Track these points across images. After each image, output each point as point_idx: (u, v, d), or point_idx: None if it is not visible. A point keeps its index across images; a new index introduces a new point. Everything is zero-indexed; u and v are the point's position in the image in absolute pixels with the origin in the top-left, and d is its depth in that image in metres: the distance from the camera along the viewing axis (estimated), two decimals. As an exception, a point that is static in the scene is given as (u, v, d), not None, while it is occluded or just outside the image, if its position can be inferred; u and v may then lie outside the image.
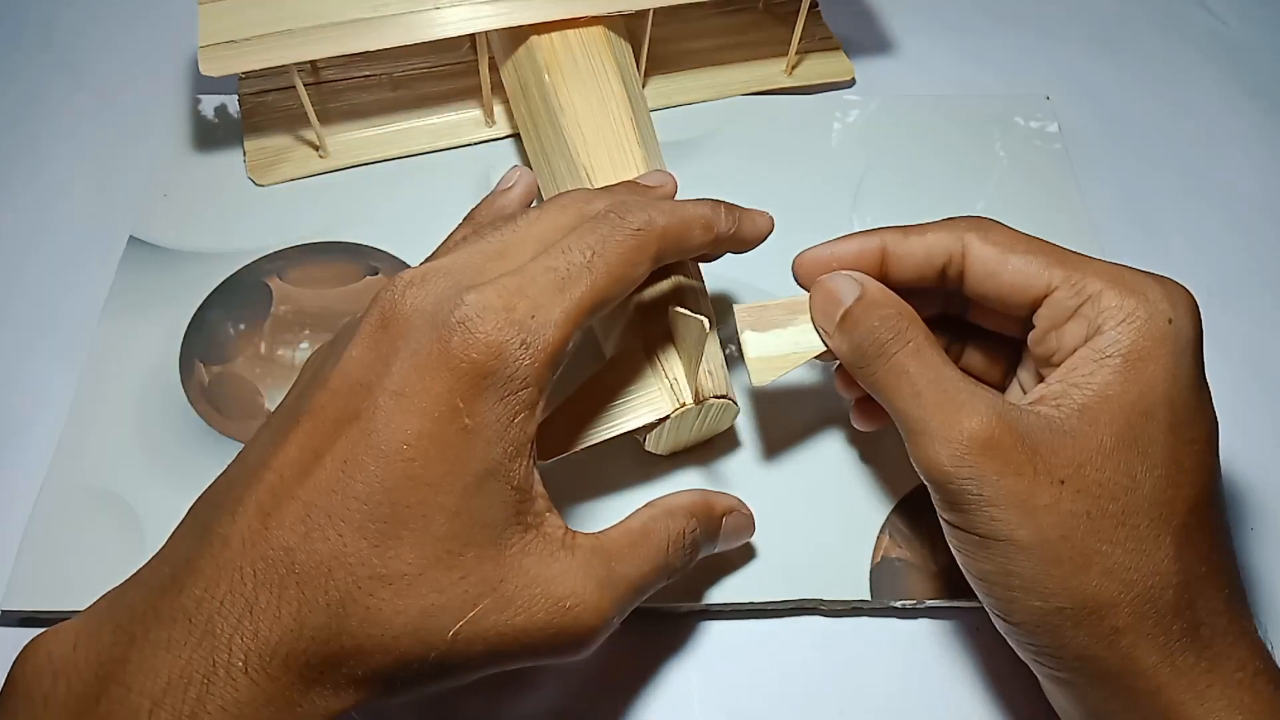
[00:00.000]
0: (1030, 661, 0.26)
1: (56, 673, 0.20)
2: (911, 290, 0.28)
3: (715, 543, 0.28)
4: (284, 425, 0.22)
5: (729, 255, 0.30)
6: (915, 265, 0.27)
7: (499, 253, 0.24)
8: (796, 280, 0.29)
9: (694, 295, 0.30)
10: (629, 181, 0.30)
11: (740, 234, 0.28)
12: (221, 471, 0.24)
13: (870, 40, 0.49)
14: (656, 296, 0.29)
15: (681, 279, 0.30)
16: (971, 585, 0.26)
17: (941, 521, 0.26)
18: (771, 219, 0.30)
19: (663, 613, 0.31)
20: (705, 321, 0.26)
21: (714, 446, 0.33)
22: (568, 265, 0.23)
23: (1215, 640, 0.23)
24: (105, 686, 0.19)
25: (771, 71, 0.45)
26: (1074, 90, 0.47)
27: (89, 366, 0.35)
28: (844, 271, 0.28)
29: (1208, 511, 0.24)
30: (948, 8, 0.51)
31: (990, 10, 0.51)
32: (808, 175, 0.42)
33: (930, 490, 0.25)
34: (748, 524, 0.29)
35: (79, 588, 0.30)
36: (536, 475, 0.23)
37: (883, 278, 0.28)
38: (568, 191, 0.26)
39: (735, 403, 0.30)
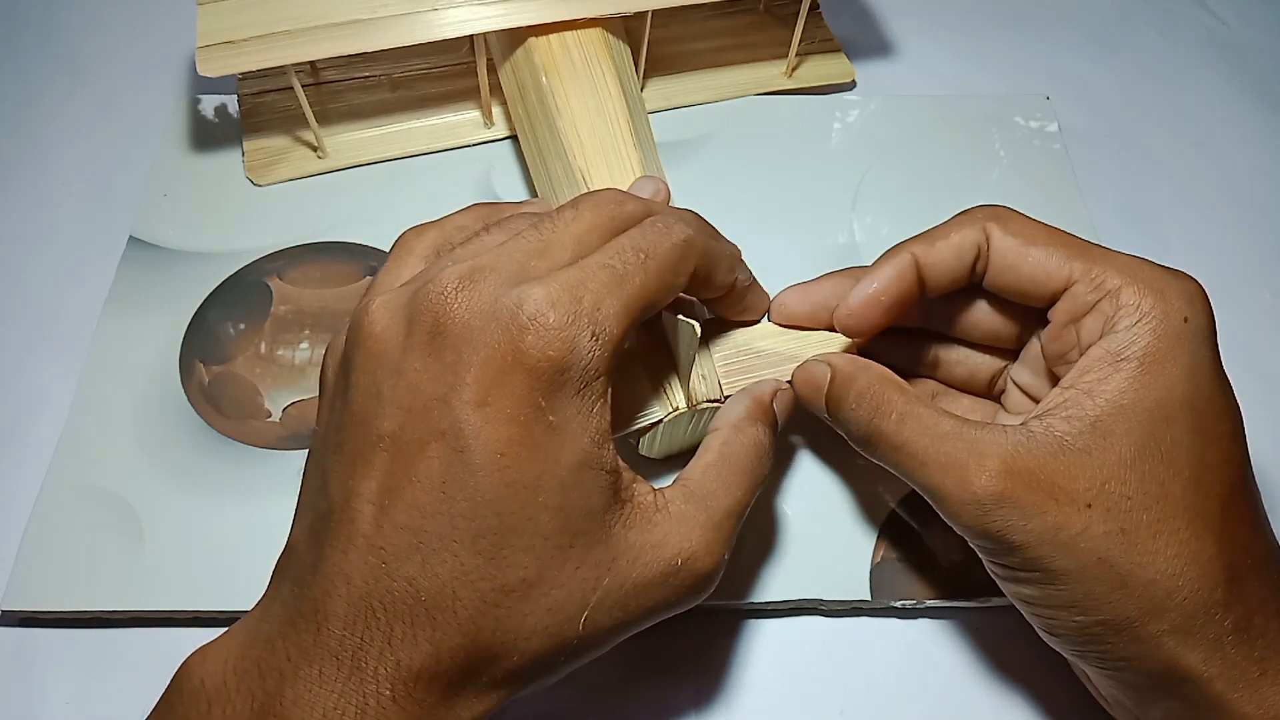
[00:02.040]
0: (1073, 660, 0.26)
1: (211, 701, 0.21)
2: (890, 310, 0.28)
3: (778, 428, 0.28)
4: (361, 451, 0.22)
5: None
6: (949, 269, 0.27)
7: (540, 251, 0.23)
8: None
9: (687, 300, 0.30)
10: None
11: (749, 295, 0.29)
12: (301, 502, 0.24)
13: (870, 41, 0.49)
14: None
15: None
16: (1011, 600, 0.26)
17: (976, 550, 0.26)
18: (769, 302, 0.30)
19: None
20: (696, 326, 0.26)
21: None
22: (623, 263, 0.23)
23: (1269, 629, 0.23)
24: (264, 718, 0.20)
25: (771, 73, 0.45)
26: (1074, 90, 0.47)
27: (89, 366, 0.35)
28: (817, 356, 0.28)
29: (1243, 500, 0.24)
30: (948, 8, 0.51)
31: (990, 11, 0.51)
32: (808, 175, 0.42)
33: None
34: (792, 395, 0.29)
35: (79, 588, 0.30)
36: (613, 448, 0.23)
37: (920, 291, 0.28)
38: (600, 191, 0.26)
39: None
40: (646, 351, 0.29)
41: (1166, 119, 0.46)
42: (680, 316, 0.26)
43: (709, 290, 0.27)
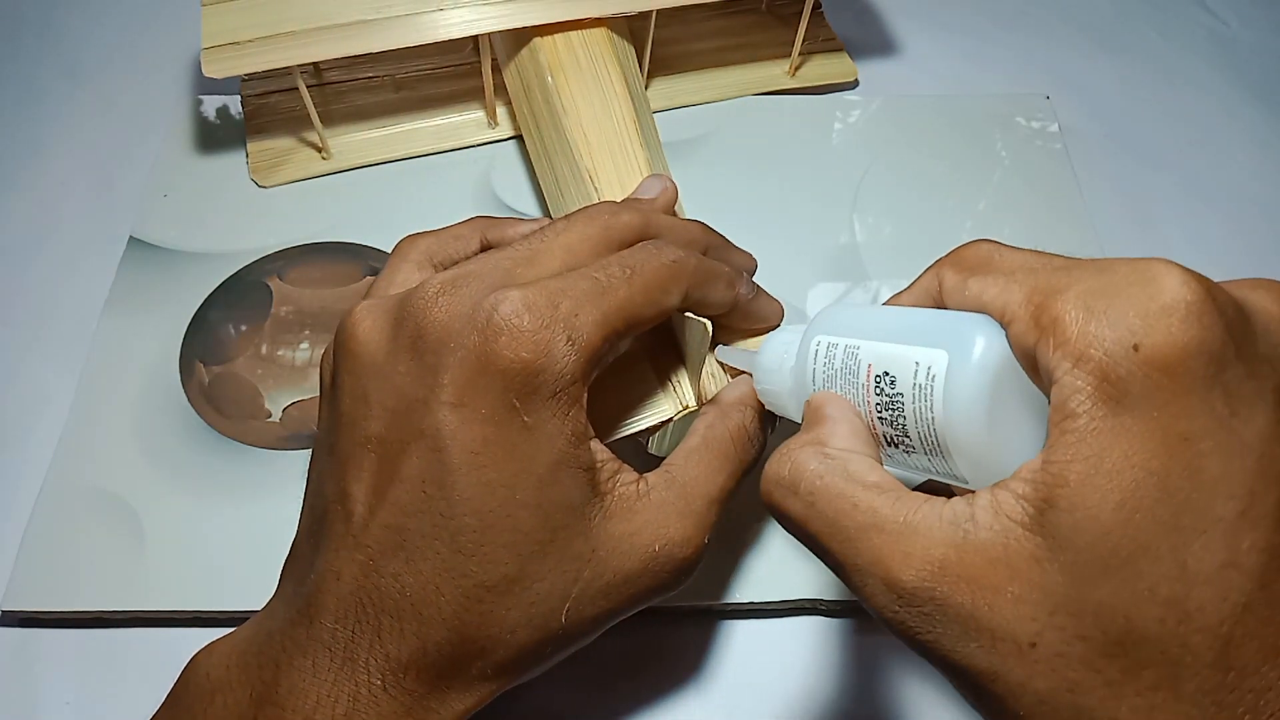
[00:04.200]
0: None
1: (214, 691, 0.22)
2: None
3: (776, 420, 0.28)
4: (350, 452, 0.22)
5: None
6: None
7: (528, 259, 0.24)
8: None
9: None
10: (631, 199, 0.30)
11: (755, 307, 0.28)
12: (304, 502, 0.25)
13: (872, 41, 0.49)
14: None
15: None
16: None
17: None
18: (782, 311, 0.29)
19: (663, 612, 0.31)
20: (707, 324, 0.26)
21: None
22: (608, 276, 0.23)
23: None
24: (261, 706, 0.21)
25: (774, 73, 0.45)
26: (1074, 90, 0.47)
27: (89, 366, 0.35)
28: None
29: (1265, 622, 0.16)
30: (949, 8, 0.51)
31: (991, 10, 0.51)
32: (808, 175, 0.42)
33: None
34: None
35: (79, 588, 0.30)
36: (598, 444, 0.23)
37: None
38: (595, 204, 0.26)
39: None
40: (656, 350, 0.29)
41: (1166, 119, 0.46)
42: (690, 315, 0.26)
43: (708, 309, 0.27)
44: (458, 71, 0.44)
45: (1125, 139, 0.45)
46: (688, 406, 0.28)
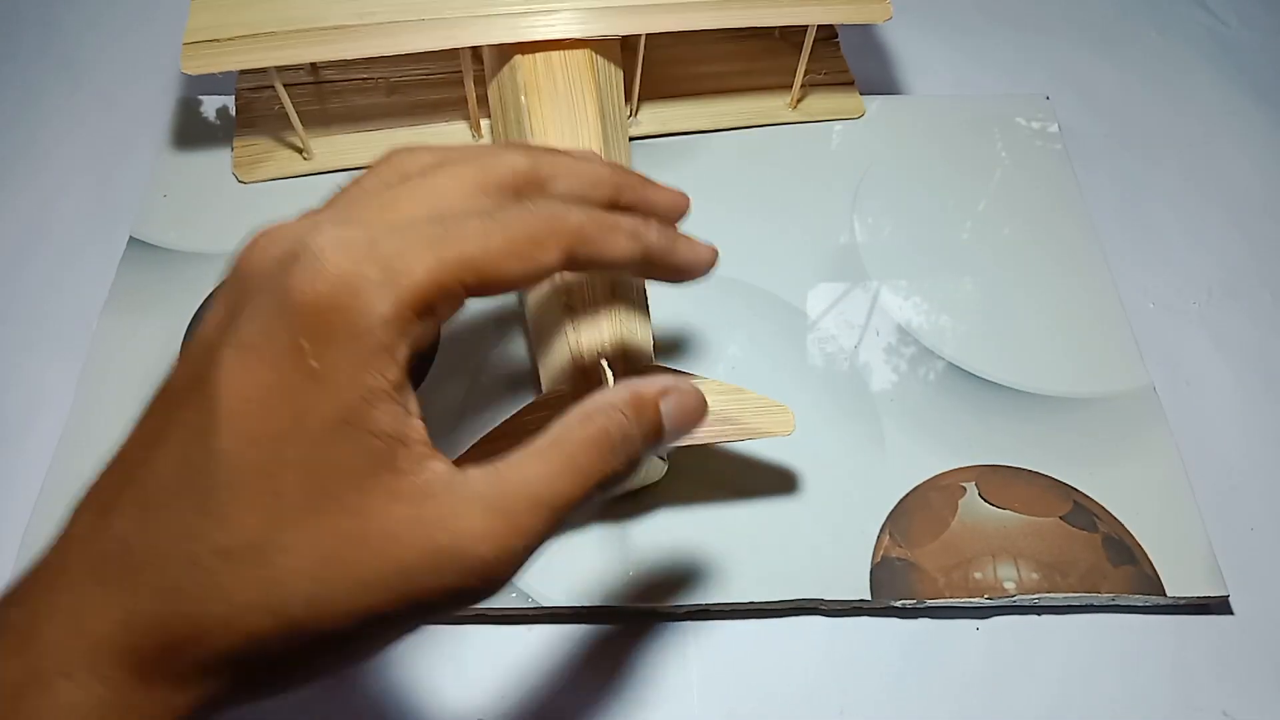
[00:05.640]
0: None
1: None
2: None
3: (662, 438, 0.23)
4: (149, 409, 0.20)
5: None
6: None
7: (387, 205, 0.21)
8: None
9: (633, 328, 0.30)
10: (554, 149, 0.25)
11: (676, 258, 0.25)
12: None
13: (871, 41, 0.49)
14: (592, 329, 0.29)
15: (622, 312, 0.30)
16: None
17: None
18: (715, 253, 0.26)
19: (663, 613, 0.31)
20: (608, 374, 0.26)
21: (707, 449, 0.33)
22: (458, 224, 0.20)
23: None
24: None
25: (776, 104, 0.44)
26: (1074, 90, 0.47)
27: (89, 366, 0.35)
28: None
29: None
30: (948, 8, 0.51)
31: (990, 10, 0.51)
32: (808, 175, 0.42)
33: None
34: (694, 402, 0.23)
35: (79, 588, 0.30)
36: (416, 421, 0.20)
37: None
38: (480, 144, 0.24)
39: (664, 459, 0.29)
40: (580, 391, 0.27)
41: (1166, 119, 0.46)
42: (606, 366, 0.26)
43: (608, 265, 0.23)
44: (453, 78, 0.43)
45: (1125, 139, 0.45)
46: None
